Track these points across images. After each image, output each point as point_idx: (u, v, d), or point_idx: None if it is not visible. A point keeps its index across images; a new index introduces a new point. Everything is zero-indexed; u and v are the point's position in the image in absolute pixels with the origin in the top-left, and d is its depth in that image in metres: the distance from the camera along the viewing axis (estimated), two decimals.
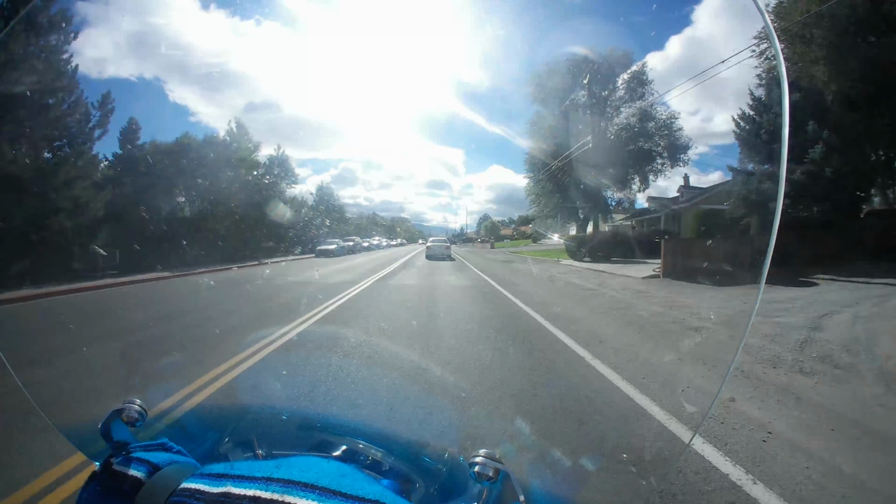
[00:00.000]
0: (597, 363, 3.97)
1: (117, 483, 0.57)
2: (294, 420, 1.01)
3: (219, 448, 0.77)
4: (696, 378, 3.64)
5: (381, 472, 0.71)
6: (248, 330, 5.07)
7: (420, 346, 4.51)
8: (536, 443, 2.25)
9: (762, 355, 4.21)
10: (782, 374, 3.74)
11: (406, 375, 3.66)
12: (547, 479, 0.97)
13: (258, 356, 4.05)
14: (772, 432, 2.67)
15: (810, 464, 2.33)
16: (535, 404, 3.07)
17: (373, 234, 24.66)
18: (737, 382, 3.49)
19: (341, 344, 4.51)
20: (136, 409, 0.64)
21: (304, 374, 3.59)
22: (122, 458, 0.59)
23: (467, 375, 3.56)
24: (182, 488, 0.51)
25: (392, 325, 5.44)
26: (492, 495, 0.53)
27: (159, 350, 4.41)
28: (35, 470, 2.25)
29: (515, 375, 3.62)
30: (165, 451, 0.63)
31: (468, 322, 5.65)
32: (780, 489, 2.10)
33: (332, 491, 0.45)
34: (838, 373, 3.77)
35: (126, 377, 3.56)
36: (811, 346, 4.47)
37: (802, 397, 3.25)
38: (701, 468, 2.28)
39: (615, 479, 2.10)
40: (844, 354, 4.20)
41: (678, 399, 3.15)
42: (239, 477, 0.49)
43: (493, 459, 0.54)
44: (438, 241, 16.78)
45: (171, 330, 5.30)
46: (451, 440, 2.34)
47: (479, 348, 4.42)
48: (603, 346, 4.55)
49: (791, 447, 2.52)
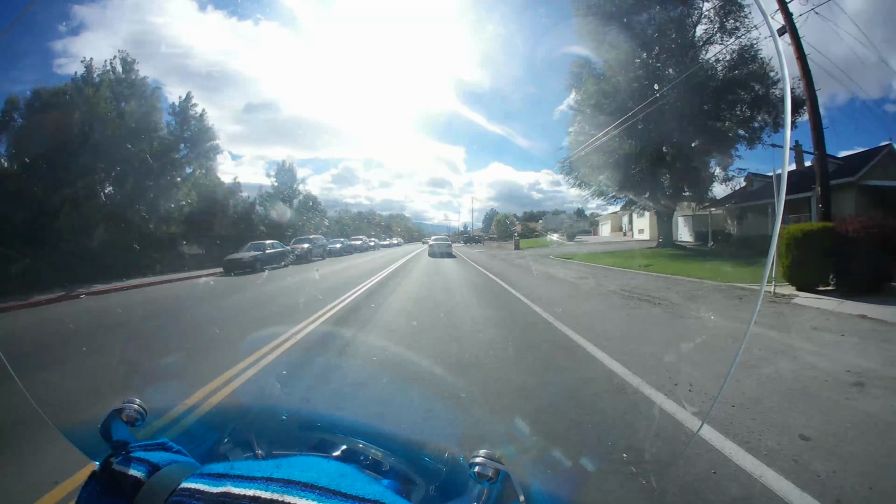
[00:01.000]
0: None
1: (117, 483, 0.57)
2: (294, 420, 1.01)
3: (219, 448, 0.77)
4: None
5: (381, 472, 0.71)
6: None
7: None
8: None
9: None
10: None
11: None
12: (547, 479, 0.97)
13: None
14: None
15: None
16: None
17: (370, 233, 22.70)
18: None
19: None
20: (135, 408, 0.64)
21: None
22: (122, 458, 0.59)
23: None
24: (182, 488, 0.51)
25: None
26: (492, 495, 0.53)
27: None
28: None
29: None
30: (165, 451, 0.63)
31: None
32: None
33: (332, 491, 0.45)
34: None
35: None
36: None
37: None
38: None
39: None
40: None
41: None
42: (239, 477, 0.49)
43: (494, 460, 0.54)
44: (440, 239, 18.78)
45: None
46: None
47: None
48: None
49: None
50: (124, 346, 4.99)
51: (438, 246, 17.18)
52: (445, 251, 16.89)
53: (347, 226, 21.04)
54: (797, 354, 4.14)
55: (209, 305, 8.18)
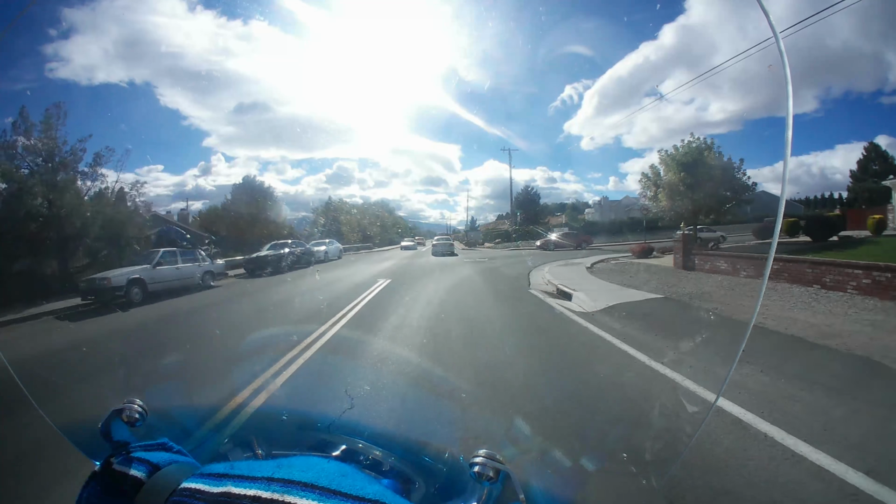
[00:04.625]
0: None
1: (117, 483, 0.57)
2: (294, 420, 1.01)
3: (219, 448, 0.77)
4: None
5: (381, 471, 0.71)
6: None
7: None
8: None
9: None
10: None
11: None
12: (547, 479, 0.96)
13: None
14: None
15: None
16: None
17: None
18: None
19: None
20: (136, 408, 0.64)
21: None
22: (122, 458, 0.58)
23: None
24: (182, 488, 0.51)
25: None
26: (492, 495, 0.53)
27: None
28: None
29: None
30: (165, 451, 0.63)
31: None
32: None
33: (333, 491, 0.45)
34: None
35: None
36: None
37: None
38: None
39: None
40: None
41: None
42: (239, 477, 0.49)
43: (494, 459, 0.53)
44: (443, 239, 20.15)
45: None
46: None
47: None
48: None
49: None
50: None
51: (441, 245, 18.71)
52: (448, 250, 18.45)
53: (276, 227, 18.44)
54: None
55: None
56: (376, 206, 25.46)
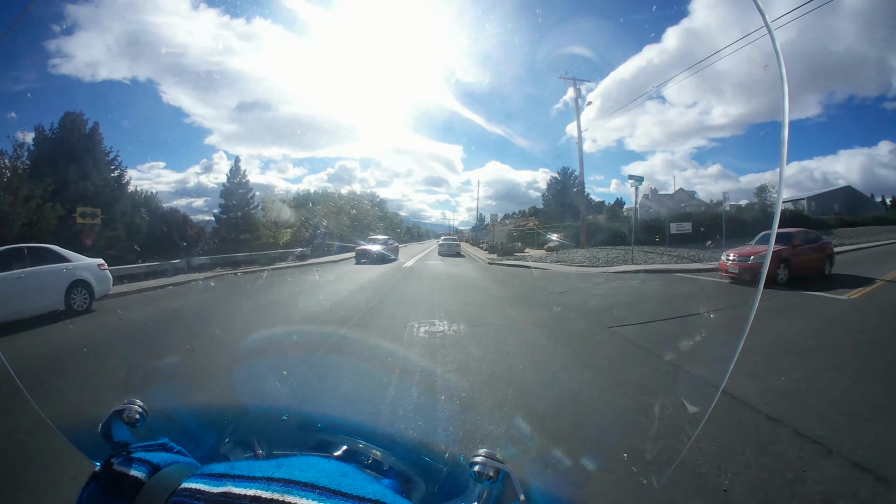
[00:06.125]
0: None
1: (117, 483, 0.57)
2: (294, 420, 1.01)
3: (219, 448, 0.77)
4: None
5: (381, 471, 0.71)
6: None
7: None
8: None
9: None
10: None
11: None
12: (547, 479, 0.97)
13: None
14: None
15: None
16: None
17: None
18: None
19: None
20: (136, 409, 0.64)
21: None
22: (123, 459, 0.59)
23: None
24: (182, 488, 0.51)
25: None
26: (492, 495, 0.53)
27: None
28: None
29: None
30: (166, 452, 0.63)
31: None
32: None
33: (333, 491, 0.45)
34: None
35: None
36: None
37: None
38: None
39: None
40: None
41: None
42: (239, 477, 0.49)
43: (494, 459, 0.53)
44: (449, 239, 20.08)
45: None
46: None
47: None
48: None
49: None
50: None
51: (447, 245, 18.71)
52: (454, 250, 18.56)
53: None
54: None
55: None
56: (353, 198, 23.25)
